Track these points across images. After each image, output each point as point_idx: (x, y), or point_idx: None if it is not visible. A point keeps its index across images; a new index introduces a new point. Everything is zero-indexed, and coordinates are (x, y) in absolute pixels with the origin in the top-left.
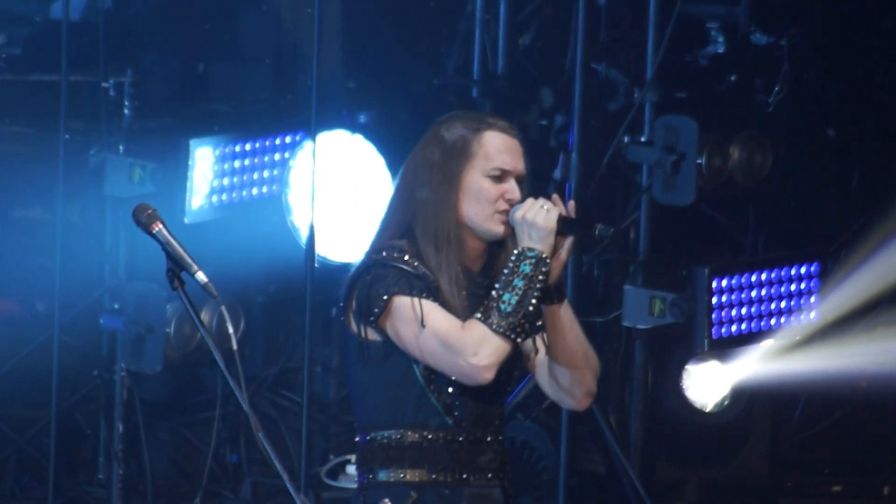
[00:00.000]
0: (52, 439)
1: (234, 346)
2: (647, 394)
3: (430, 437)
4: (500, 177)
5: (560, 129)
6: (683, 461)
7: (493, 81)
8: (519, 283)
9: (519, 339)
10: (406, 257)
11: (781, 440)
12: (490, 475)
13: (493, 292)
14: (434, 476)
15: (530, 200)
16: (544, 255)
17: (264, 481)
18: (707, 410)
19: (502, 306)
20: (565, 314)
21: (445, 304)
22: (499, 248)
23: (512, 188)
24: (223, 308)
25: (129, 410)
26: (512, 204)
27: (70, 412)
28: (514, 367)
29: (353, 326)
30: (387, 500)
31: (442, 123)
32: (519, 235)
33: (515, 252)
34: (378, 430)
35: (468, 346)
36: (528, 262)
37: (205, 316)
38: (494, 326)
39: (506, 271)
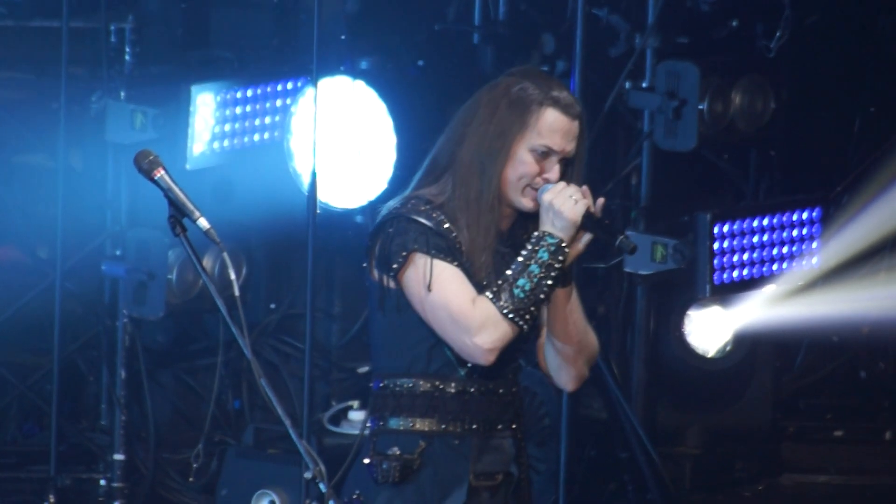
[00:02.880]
0: (55, 386)
1: (236, 293)
2: (649, 340)
3: (441, 387)
4: (545, 153)
5: (561, 75)
6: (685, 407)
7: (494, 27)
8: (535, 269)
9: (525, 326)
10: (432, 212)
11: (783, 386)
12: (501, 427)
13: (509, 272)
14: (444, 426)
15: (561, 185)
16: (563, 245)
17: (266, 427)
18: (709, 356)
19: (516, 290)
20: (569, 298)
21: (468, 262)
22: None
23: (552, 168)
24: (225, 254)
25: (132, 357)
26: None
27: (72, 359)
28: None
29: (375, 274)
30: (396, 449)
31: (514, 77)
32: (542, 218)
33: (535, 235)
34: (392, 377)
35: (474, 324)
36: (546, 248)
37: (207, 262)
38: (504, 310)
39: (524, 253)
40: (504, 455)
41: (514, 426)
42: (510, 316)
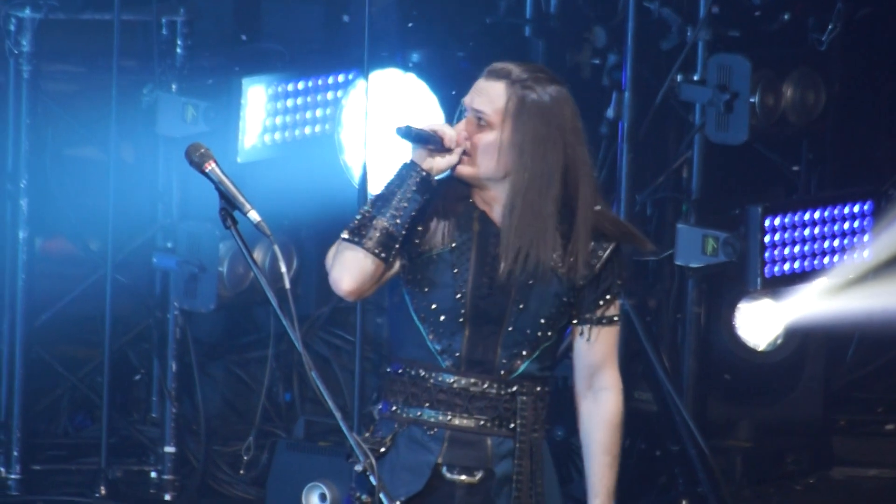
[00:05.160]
0: (106, 378)
1: (287, 285)
2: (700, 333)
3: (423, 374)
4: (464, 112)
5: (613, 68)
6: (736, 400)
7: (546, 20)
8: (382, 188)
9: (372, 251)
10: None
11: (834, 379)
12: (484, 423)
13: None
14: (419, 414)
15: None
16: (410, 164)
17: (317, 420)
18: (760, 349)
19: (358, 214)
20: None
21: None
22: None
23: (460, 126)
24: (276, 247)
25: (182, 349)
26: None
27: (123, 351)
28: (514, 321)
29: None
30: (380, 433)
31: None
32: None
33: None
34: (392, 362)
35: (328, 263)
36: (398, 171)
37: (257, 255)
38: (343, 236)
39: None
40: (482, 452)
41: (510, 426)
42: (344, 237)
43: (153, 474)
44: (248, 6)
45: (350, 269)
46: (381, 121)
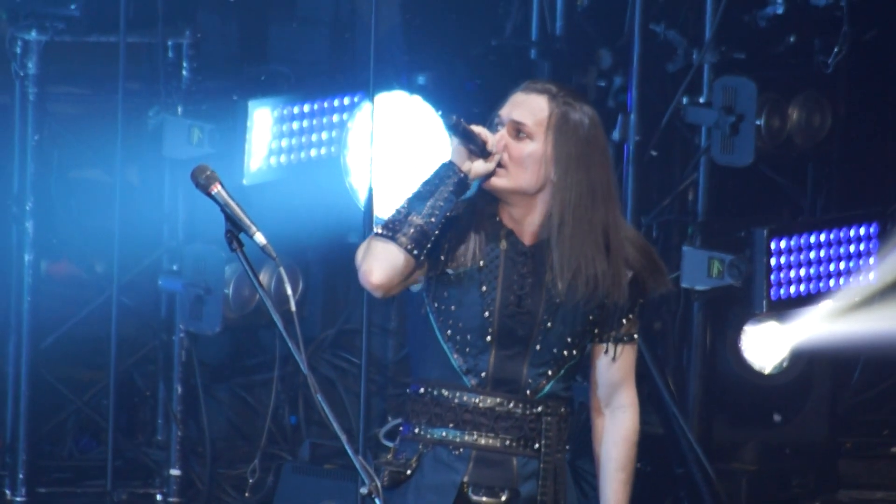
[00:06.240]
0: (111, 400)
1: (293, 308)
2: (706, 355)
3: (446, 394)
4: (499, 124)
5: (618, 91)
6: (742, 422)
7: (552, 43)
8: (419, 188)
9: (406, 247)
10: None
11: (840, 402)
12: (510, 443)
13: None
14: (444, 434)
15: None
16: (449, 165)
17: (323, 442)
18: (766, 372)
19: (394, 211)
20: None
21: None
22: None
23: (500, 135)
24: (281, 269)
25: (188, 372)
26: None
27: (129, 373)
28: (542, 340)
29: None
30: (404, 455)
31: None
32: None
33: None
34: (412, 383)
35: (358, 257)
36: (436, 170)
37: (263, 277)
38: (376, 230)
39: None
40: (508, 472)
41: (535, 446)
42: (378, 231)
43: (158, 497)
44: (254, 28)
45: (381, 262)
46: (386, 144)
